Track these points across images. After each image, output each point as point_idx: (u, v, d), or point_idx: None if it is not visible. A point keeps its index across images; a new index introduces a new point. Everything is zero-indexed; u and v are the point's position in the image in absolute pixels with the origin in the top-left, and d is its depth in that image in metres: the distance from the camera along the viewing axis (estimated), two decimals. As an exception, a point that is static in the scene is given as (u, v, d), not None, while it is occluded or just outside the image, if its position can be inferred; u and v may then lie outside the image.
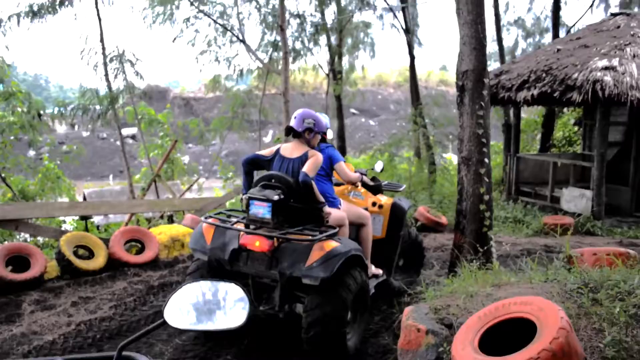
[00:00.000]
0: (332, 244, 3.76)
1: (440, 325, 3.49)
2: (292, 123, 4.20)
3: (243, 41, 12.93)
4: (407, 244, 5.25)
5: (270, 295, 3.99)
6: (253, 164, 4.31)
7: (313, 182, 3.94)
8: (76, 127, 35.75)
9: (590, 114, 12.38)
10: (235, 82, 15.47)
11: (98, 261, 6.15)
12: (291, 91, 18.72)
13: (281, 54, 11.61)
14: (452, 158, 16.54)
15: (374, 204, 4.98)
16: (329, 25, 13.34)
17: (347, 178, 4.55)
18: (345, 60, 15.14)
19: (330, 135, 4.58)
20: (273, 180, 3.96)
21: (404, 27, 14.13)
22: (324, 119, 4.43)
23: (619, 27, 11.04)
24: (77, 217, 11.40)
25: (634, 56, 9.76)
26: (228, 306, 1.62)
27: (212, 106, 38.50)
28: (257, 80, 15.34)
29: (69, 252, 5.94)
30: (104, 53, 11.09)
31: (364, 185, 4.87)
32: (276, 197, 3.78)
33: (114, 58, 11.32)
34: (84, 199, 15.65)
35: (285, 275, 3.73)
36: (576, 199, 10.69)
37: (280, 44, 12.48)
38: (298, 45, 13.56)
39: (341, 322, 3.79)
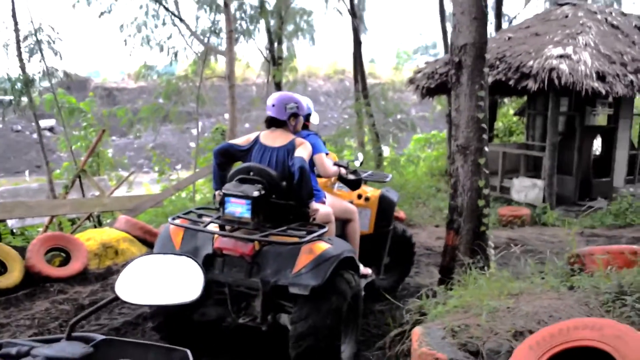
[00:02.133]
0: (323, 246, 3.27)
1: (465, 352, 2.83)
2: (272, 112, 3.59)
3: (180, 19, 11.70)
4: (394, 240, 4.77)
5: (251, 304, 3.41)
6: (226, 155, 3.64)
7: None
8: (-15, 119, 32.80)
9: (534, 104, 12.33)
10: (169, 66, 14.27)
11: (12, 276, 5.00)
12: (217, 82, 17.53)
13: (219, 38, 10.54)
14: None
15: (359, 196, 4.50)
16: (270, 9, 12.41)
17: (325, 173, 3.92)
18: (284, 47, 14.34)
19: (315, 120, 3.87)
20: (252, 173, 3.37)
21: (349, 9, 13.34)
22: (307, 102, 3.77)
23: (567, 16, 10.99)
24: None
25: (586, 45, 9.73)
26: (182, 280, 1.57)
27: (136, 96, 36.41)
28: (194, 66, 14.19)
29: (-25, 267, 4.80)
30: (16, 29, 9.55)
31: (341, 179, 4.19)
32: (256, 193, 3.23)
33: (29, 35, 9.82)
34: (-6, 198, 13.91)
35: (269, 284, 3.23)
36: (527, 189, 10.57)
37: (219, 27, 11.40)
38: (238, 28, 12.54)
39: (335, 335, 3.30)
